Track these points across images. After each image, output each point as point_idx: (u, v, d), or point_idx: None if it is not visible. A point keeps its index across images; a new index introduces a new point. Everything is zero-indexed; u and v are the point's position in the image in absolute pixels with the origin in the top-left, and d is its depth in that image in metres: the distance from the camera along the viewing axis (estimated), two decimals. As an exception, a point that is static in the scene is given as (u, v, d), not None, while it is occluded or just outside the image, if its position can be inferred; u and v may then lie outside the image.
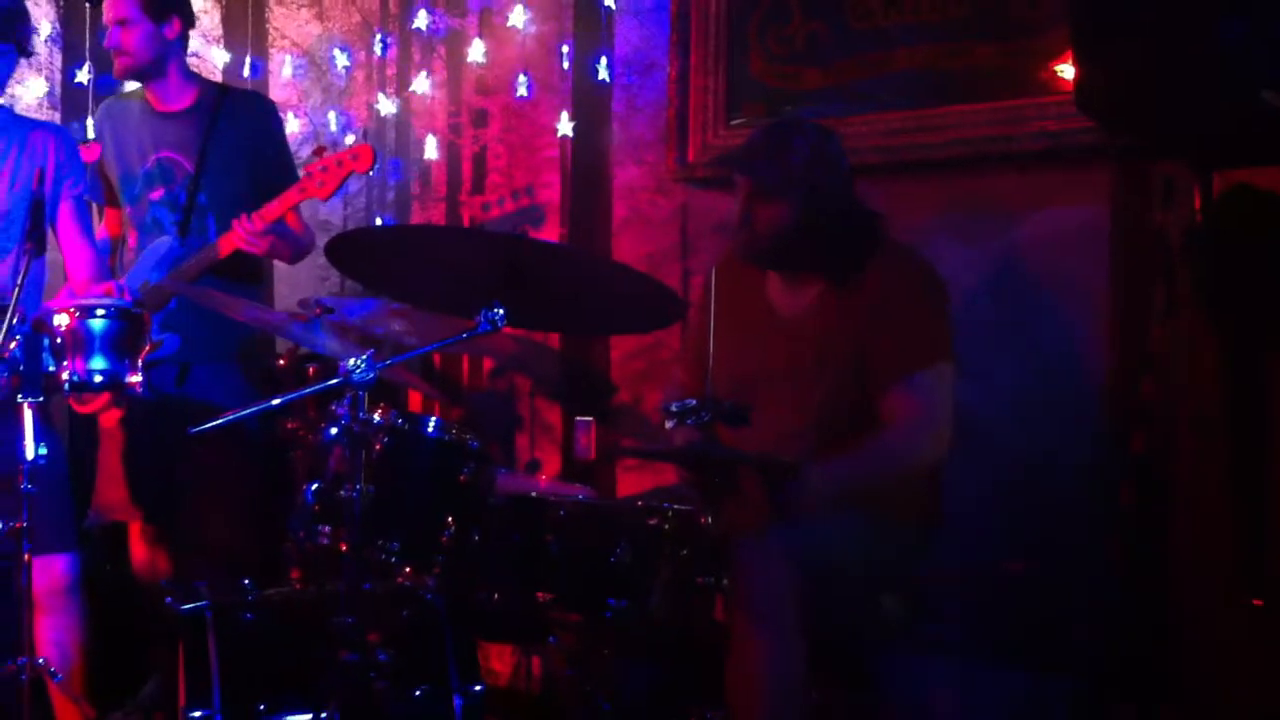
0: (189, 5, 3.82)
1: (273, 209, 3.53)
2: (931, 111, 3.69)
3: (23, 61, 3.40)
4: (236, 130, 3.75)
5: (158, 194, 3.74)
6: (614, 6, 4.29)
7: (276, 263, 4.65)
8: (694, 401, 2.74)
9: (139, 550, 3.77)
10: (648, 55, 4.28)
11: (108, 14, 3.71)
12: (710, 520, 2.73)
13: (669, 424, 2.81)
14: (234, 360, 3.84)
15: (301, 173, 3.63)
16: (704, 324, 3.04)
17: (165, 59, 3.72)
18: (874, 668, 2.86)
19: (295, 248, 3.76)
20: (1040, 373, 3.44)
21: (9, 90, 3.50)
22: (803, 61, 3.95)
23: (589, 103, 4.33)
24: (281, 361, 3.86)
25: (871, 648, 2.87)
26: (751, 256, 3.02)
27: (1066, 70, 3.33)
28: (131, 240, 3.76)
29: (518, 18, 4.40)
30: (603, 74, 4.28)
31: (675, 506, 2.82)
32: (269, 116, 3.90)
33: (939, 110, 3.68)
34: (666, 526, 2.79)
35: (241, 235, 3.51)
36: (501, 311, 2.56)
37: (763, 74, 4.05)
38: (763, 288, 3.07)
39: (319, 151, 3.57)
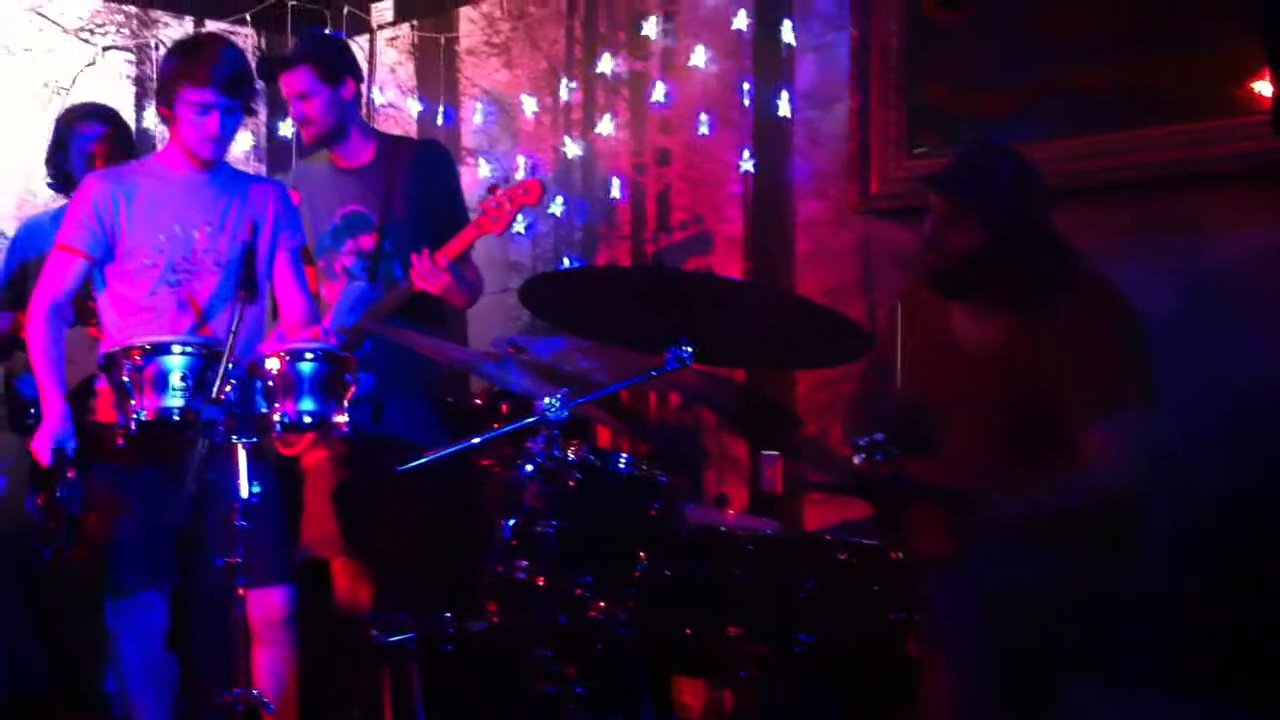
0: (358, 63, 4.00)
1: (452, 247, 3.67)
2: (1119, 135, 3.61)
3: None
4: (413, 179, 3.91)
5: (346, 245, 3.92)
6: (793, 42, 4.32)
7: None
8: (881, 435, 2.74)
9: (342, 584, 3.92)
10: (828, 89, 4.29)
11: (287, 89, 3.89)
12: (900, 555, 2.72)
13: (856, 458, 2.81)
14: (426, 397, 3.98)
15: (477, 211, 3.76)
16: (890, 356, 3.04)
17: (347, 120, 3.91)
18: (1063, 701, 2.80)
19: (469, 291, 3.88)
20: (1237, 400, 3.32)
21: (223, 146, 3.70)
22: (983, 88, 3.91)
23: (770, 138, 4.37)
24: (479, 400, 3.97)
25: (1061, 681, 2.81)
26: (937, 282, 2.98)
27: (1261, 88, 3.23)
28: (324, 291, 3.93)
29: (698, 58, 4.47)
30: (783, 109, 4.31)
31: (864, 541, 2.81)
32: (443, 163, 4.06)
33: (1127, 133, 3.60)
34: (855, 561, 2.80)
35: (422, 272, 3.65)
36: (690, 349, 2.61)
37: (943, 102, 4.02)
38: (948, 319, 3.05)
39: (492, 189, 3.70)
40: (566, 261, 4.81)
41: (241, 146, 5.14)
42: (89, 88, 4.88)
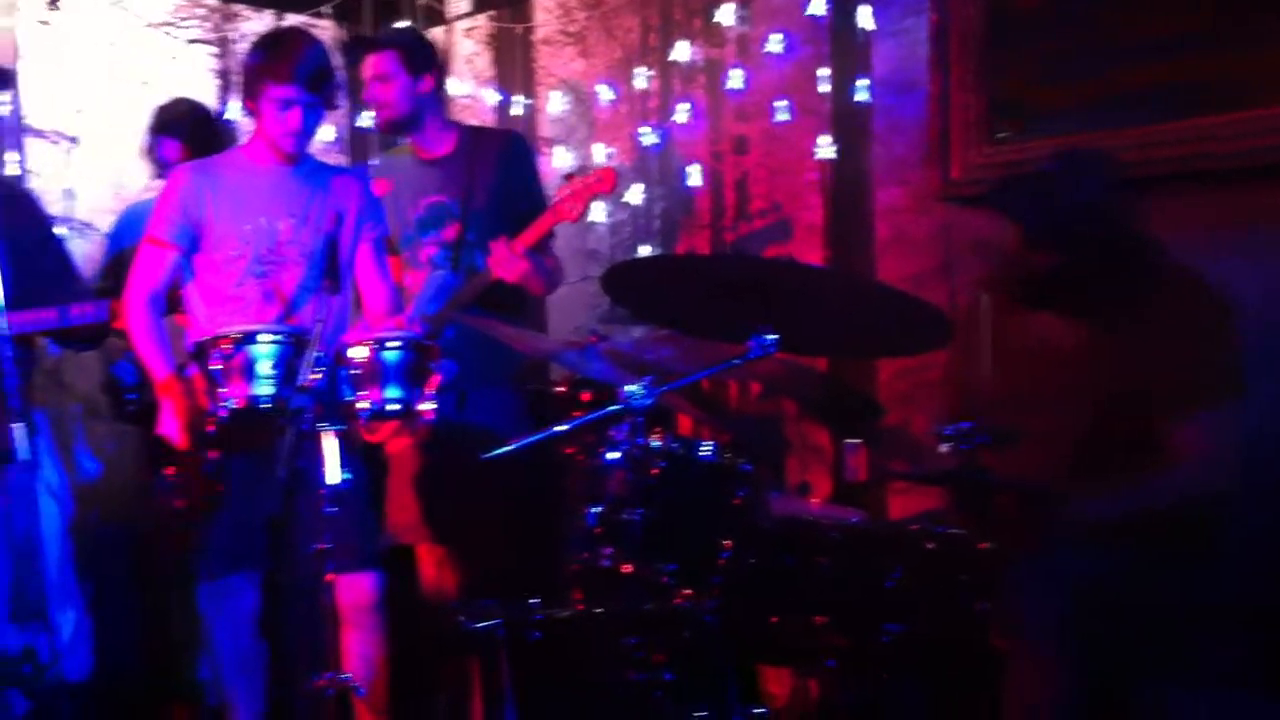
0: (440, 63, 4.03)
1: (528, 235, 3.70)
2: (1206, 121, 3.55)
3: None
4: (494, 169, 3.94)
5: (430, 236, 3.96)
6: (871, 27, 4.29)
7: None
8: (967, 425, 2.72)
9: (427, 571, 3.97)
10: (907, 74, 4.26)
11: (368, 70, 3.95)
12: (988, 545, 2.70)
13: (942, 447, 2.79)
14: (508, 385, 4.02)
15: (554, 199, 3.79)
16: (974, 346, 3.01)
17: (421, 112, 3.95)
18: (1146, 700, 2.77)
19: (548, 279, 3.91)
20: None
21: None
22: (1066, 75, 3.86)
23: (849, 124, 4.34)
24: (561, 388, 4.00)
25: (1143, 679, 2.77)
26: (1021, 300, 2.95)
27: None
28: (408, 281, 3.98)
29: (775, 44, 4.45)
30: (862, 95, 4.28)
31: (951, 530, 2.80)
32: (522, 153, 4.10)
33: (1214, 119, 3.53)
34: (942, 551, 2.78)
35: (500, 259, 3.67)
36: (773, 337, 2.61)
37: (1025, 89, 3.98)
38: (1034, 321, 3.01)
39: (568, 178, 3.72)
40: (645, 250, 4.82)
41: (323, 138, 5.18)
42: (173, 81, 4.95)
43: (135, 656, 4.46)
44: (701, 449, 2.89)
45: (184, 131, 4.20)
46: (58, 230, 4.24)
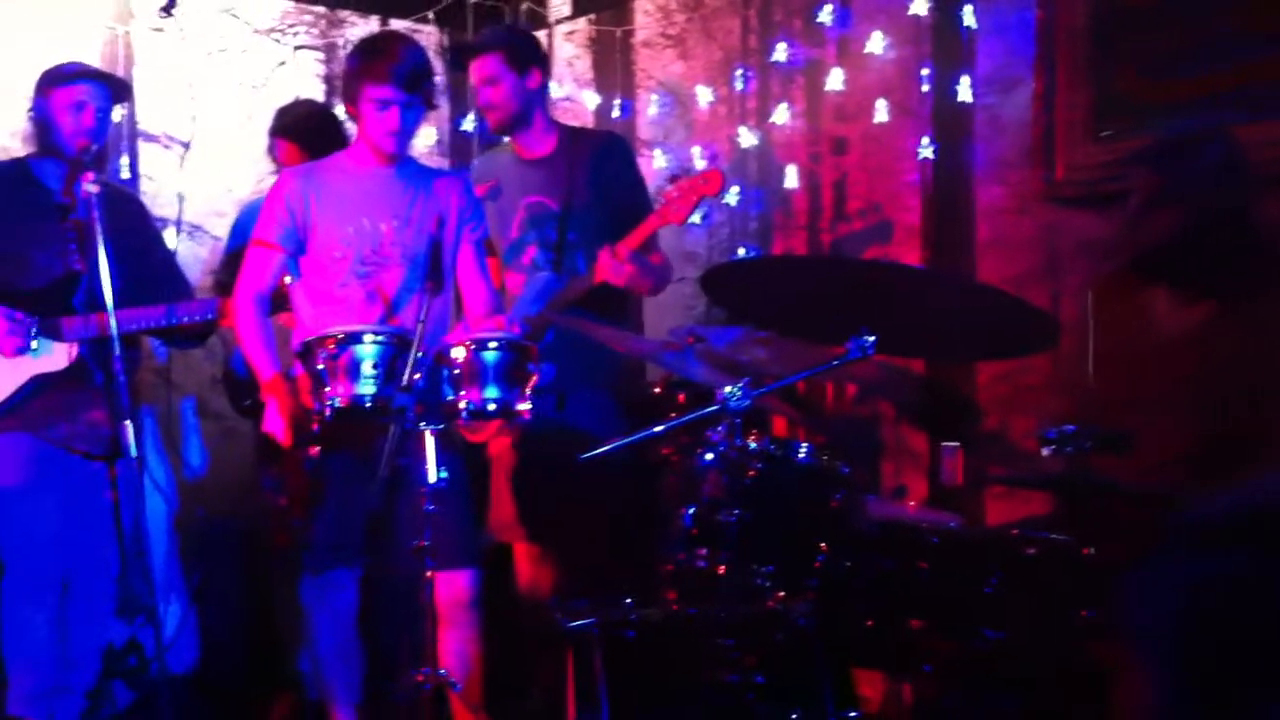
0: (547, 58, 4.05)
1: (633, 237, 3.70)
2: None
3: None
4: (595, 170, 3.95)
5: (529, 237, 3.98)
6: (974, 25, 4.24)
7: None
8: (1072, 428, 2.68)
9: (524, 569, 4.00)
10: (1010, 73, 4.20)
11: (475, 75, 3.99)
12: (1092, 552, 2.65)
13: (1045, 451, 2.75)
14: (607, 387, 4.03)
15: (658, 201, 3.79)
16: (1080, 347, 2.96)
17: (530, 109, 3.97)
18: (1258, 713, 2.70)
19: (655, 279, 3.91)
20: None
21: (407, 140, 3.80)
22: (1174, 71, 3.78)
23: (949, 124, 4.29)
24: (657, 389, 4.00)
25: (1260, 691, 2.70)
26: (1138, 264, 2.88)
27: None
28: (508, 282, 4.01)
29: (876, 44, 4.41)
30: (964, 94, 4.23)
31: (1053, 537, 2.75)
32: (623, 154, 4.11)
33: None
34: (1044, 557, 2.73)
35: (606, 266, 3.69)
36: (872, 339, 2.59)
37: (1132, 86, 3.90)
38: (1146, 308, 2.95)
39: (673, 179, 3.71)
40: (742, 251, 4.81)
41: (425, 141, 5.25)
42: (280, 86, 5.05)
43: (239, 649, 4.55)
44: (799, 451, 2.88)
45: (299, 133, 4.27)
46: (165, 232, 4.34)
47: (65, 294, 3.74)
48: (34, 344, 3.70)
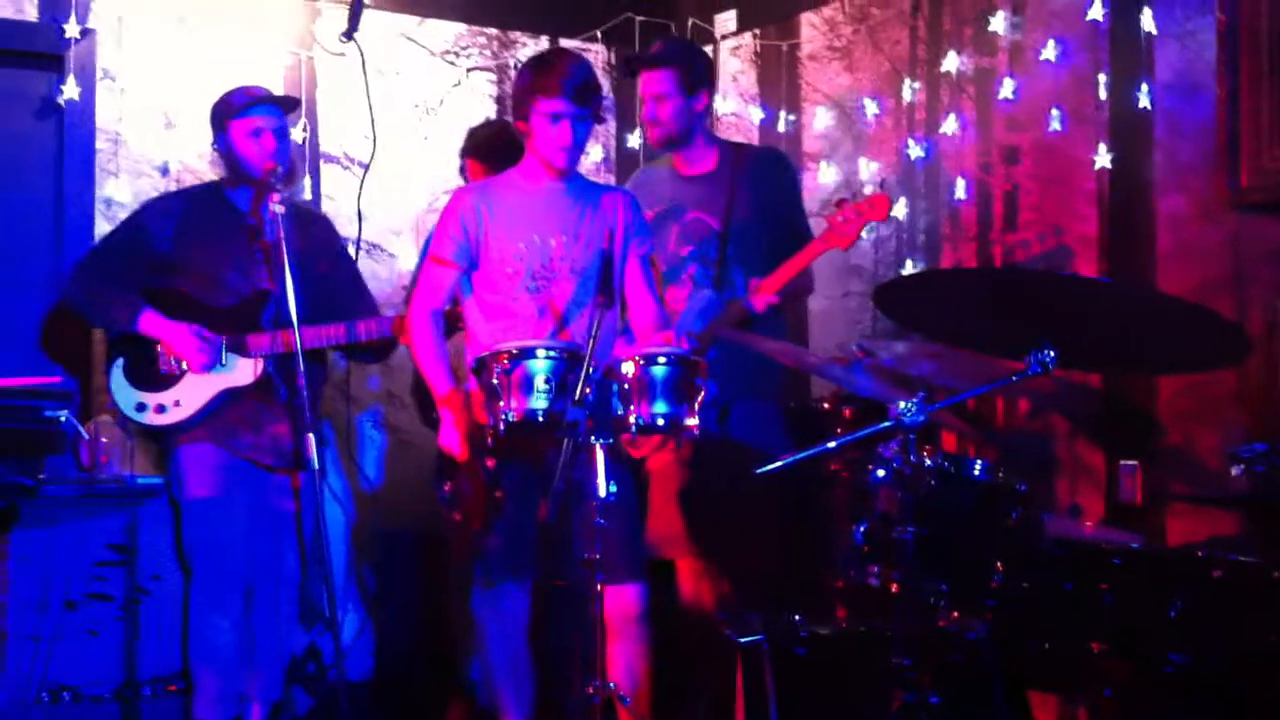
0: (715, 78, 4.06)
1: (795, 263, 3.68)
2: None
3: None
4: (755, 188, 3.96)
5: (688, 251, 3.99)
6: (1154, 30, 4.11)
7: (813, 307, 4.85)
8: (1264, 446, 2.58)
9: (687, 584, 4.00)
10: (1191, 78, 4.07)
11: (644, 88, 4.02)
12: (1284, 574, 2.55)
13: (1235, 470, 2.65)
14: (771, 401, 4.02)
15: (824, 223, 3.76)
16: (1268, 359, 2.85)
17: (693, 129, 4.00)
18: None
19: (801, 294, 3.91)
20: None
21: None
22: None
23: (1128, 131, 4.17)
24: (826, 404, 3.97)
25: None
26: None
27: None
28: (669, 297, 4.02)
29: (1050, 51, 4.32)
30: (1143, 101, 4.11)
31: (1241, 559, 2.65)
32: (784, 170, 4.10)
33: None
34: (1232, 579, 2.63)
35: (760, 297, 3.69)
36: (1053, 353, 2.54)
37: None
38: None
39: (839, 203, 3.67)
40: (910, 264, 4.75)
41: (592, 158, 5.32)
42: (455, 108, 5.17)
43: (413, 657, 4.65)
44: (974, 467, 2.83)
45: (486, 153, 4.36)
46: (348, 250, 4.47)
47: (254, 312, 3.89)
48: (223, 359, 3.86)
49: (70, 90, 4.48)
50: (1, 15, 4.48)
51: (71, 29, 4.47)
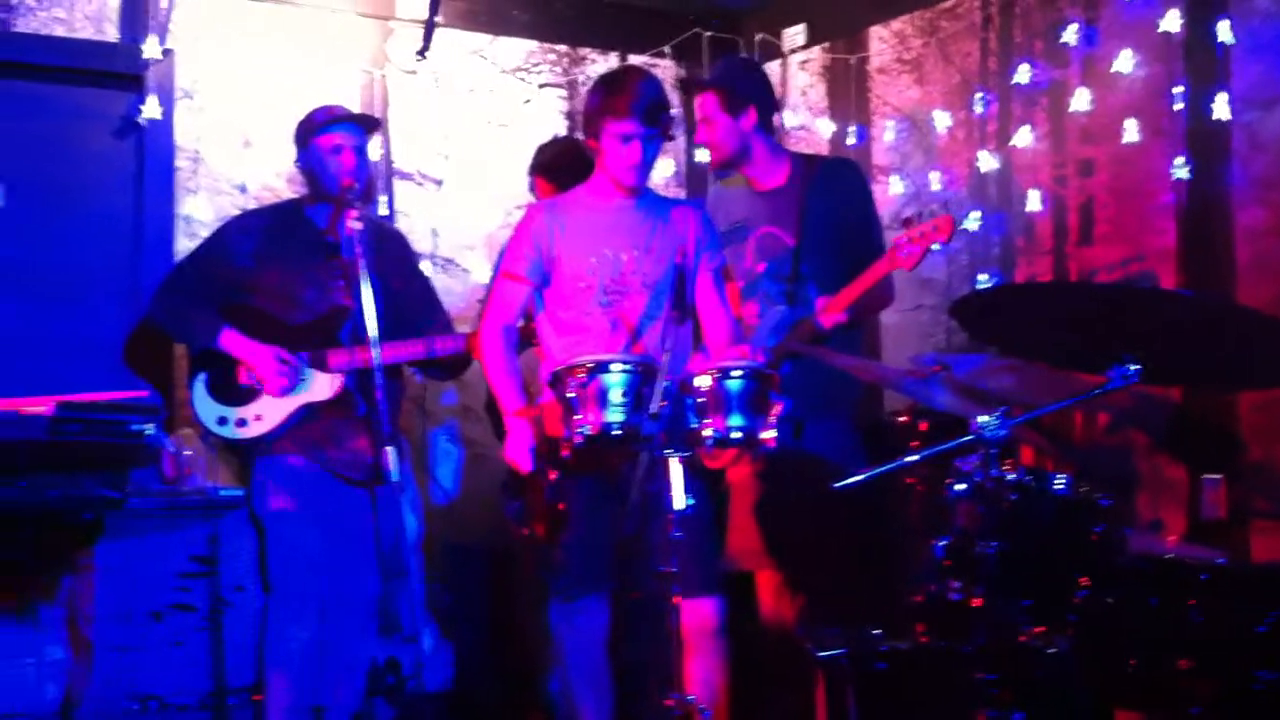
0: (766, 91, 4.06)
1: (859, 284, 3.68)
2: None
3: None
4: (827, 201, 3.95)
5: (762, 267, 3.99)
6: (1231, 41, 4.07)
7: (885, 321, 4.83)
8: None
9: (765, 598, 3.99)
10: (1269, 89, 4.02)
11: (696, 111, 4.05)
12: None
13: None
14: (845, 415, 4.01)
15: (890, 243, 3.75)
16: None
17: (747, 147, 3.99)
18: None
19: (877, 307, 3.91)
20: None
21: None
22: None
23: (1205, 144, 4.13)
24: (903, 418, 3.96)
25: None
26: None
27: None
28: (744, 311, 4.02)
29: (1124, 63, 4.29)
30: (1220, 112, 4.07)
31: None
32: (856, 183, 4.08)
33: None
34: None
35: (827, 316, 3.70)
36: (1135, 367, 2.52)
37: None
38: None
39: (906, 222, 3.65)
40: (984, 278, 4.72)
41: (662, 173, 5.35)
42: (526, 124, 5.22)
43: (491, 669, 4.67)
44: (1055, 482, 2.81)
45: (553, 171, 4.39)
46: (423, 267, 4.52)
47: (331, 328, 3.94)
48: (302, 374, 3.91)
49: (150, 109, 4.57)
50: (82, 36, 4.58)
51: (151, 49, 4.57)
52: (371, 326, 3.68)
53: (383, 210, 4.95)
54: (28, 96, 4.60)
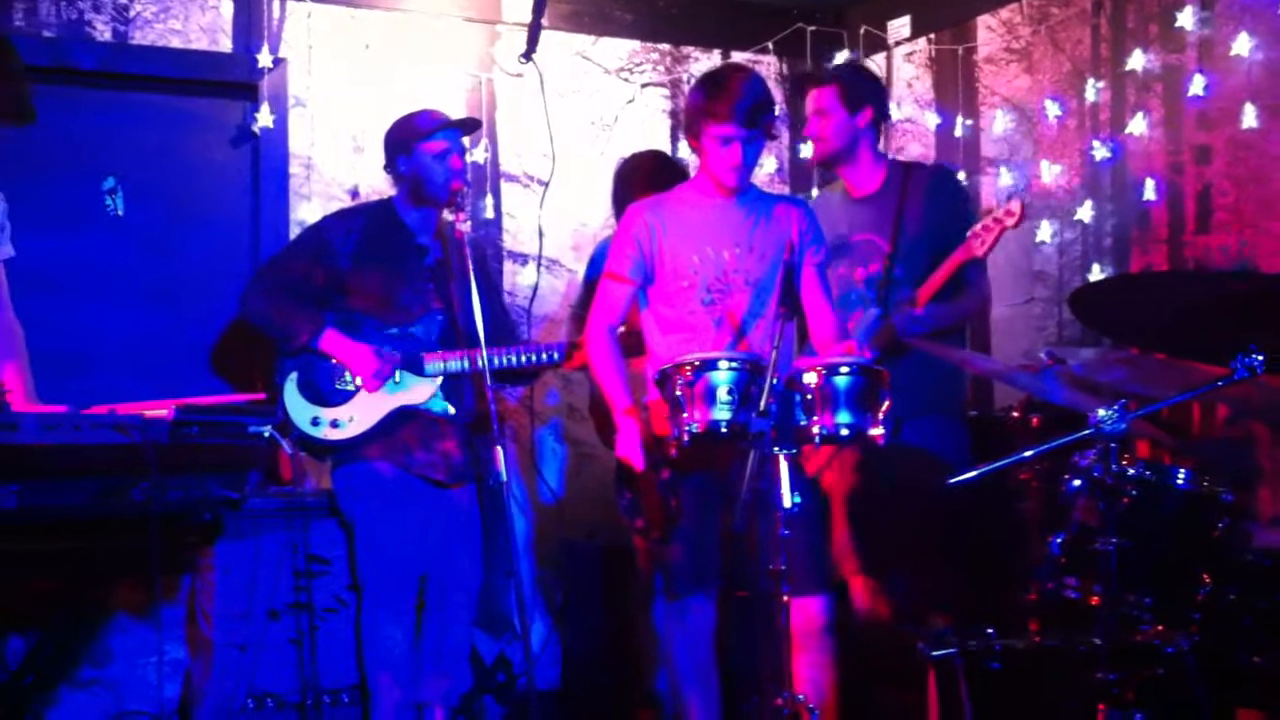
0: (883, 95, 4.05)
1: (935, 279, 3.70)
2: None
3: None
4: (921, 206, 3.92)
5: (858, 273, 3.97)
6: (1357, 19, 3.94)
7: (995, 314, 4.74)
8: None
9: (862, 596, 3.95)
10: (1397, 69, 3.89)
11: (809, 104, 4.04)
12: None
13: None
14: (950, 411, 3.96)
15: (966, 236, 3.73)
16: None
17: (856, 145, 3.98)
18: None
19: (954, 322, 3.90)
20: None
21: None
22: None
23: (1328, 127, 4.00)
24: (1015, 413, 3.89)
25: None
26: None
27: None
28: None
29: (1242, 46, 4.17)
30: (1345, 94, 3.94)
31: None
32: (953, 189, 4.08)
33: None
34: None
35: (903, 319, 3.70)
36: (1261, 357, 2.44)
37: None
38: None
39: (988, 212, 3.65)
40: (1096, 269, 4.62)
41: (766, 169, 5.32)
42: (629, 124, 5.23)
43: (600, 667, 4.69)
44: (1177, 476, 2.74)
45: (637, 182, 4.38)
46: (526, 267, 4.54)
47: (427, 331, 3.98)
48: (396, 377, 3.94)
49: (264, 118, 4.67)
50: (197, 47, 4.69)
51: (264, 59, 4.67)
52: (480, 327, 3.70)
53: (489, 212, 5.00)
54: (145, 107, 4.72)
